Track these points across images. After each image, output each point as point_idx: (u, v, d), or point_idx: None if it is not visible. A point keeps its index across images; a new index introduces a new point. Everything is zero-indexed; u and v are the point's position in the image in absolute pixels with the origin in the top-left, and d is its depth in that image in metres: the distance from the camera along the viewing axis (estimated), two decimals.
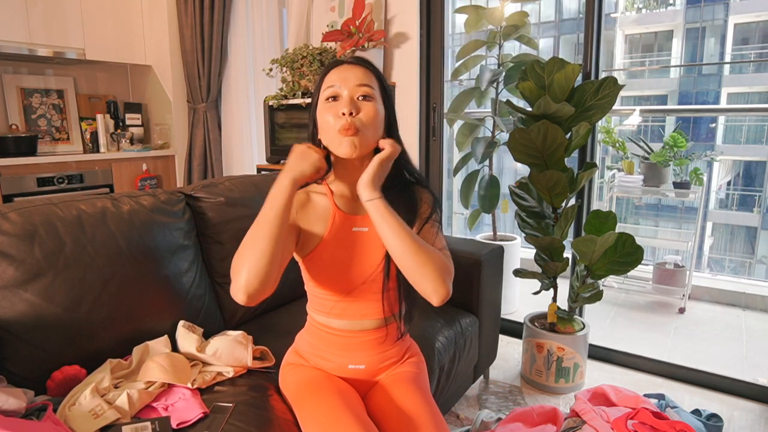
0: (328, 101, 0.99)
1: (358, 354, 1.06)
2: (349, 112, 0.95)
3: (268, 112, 2.57)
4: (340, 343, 1.06)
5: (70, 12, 2.91)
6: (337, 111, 0.96)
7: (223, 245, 1.52)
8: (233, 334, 1.28)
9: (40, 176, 2.75)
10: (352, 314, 1.05)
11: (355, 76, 0.98)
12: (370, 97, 0.98)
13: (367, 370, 1.07)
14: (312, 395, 1.00)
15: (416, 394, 1.03)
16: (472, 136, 2.72)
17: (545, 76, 1.84)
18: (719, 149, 10.73)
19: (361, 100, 0.98)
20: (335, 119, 0.96)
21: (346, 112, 0.95)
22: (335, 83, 0.98)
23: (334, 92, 0.98)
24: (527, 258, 2.91)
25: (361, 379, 1.08)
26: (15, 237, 1.11)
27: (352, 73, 0.98)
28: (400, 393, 1.03)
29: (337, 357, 1.07)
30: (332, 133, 0.97)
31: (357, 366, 1.07)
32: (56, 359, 1.11)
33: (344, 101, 0.97)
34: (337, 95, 0.98)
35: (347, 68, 1.00)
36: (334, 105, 0.98)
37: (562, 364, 1.98)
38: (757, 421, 1.80)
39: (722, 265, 9.37)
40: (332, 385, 1.02)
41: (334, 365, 1.07)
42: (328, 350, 1.07)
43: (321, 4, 2.64)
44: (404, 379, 1.07)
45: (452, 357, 1.56)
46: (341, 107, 0.96)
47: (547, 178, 1.81)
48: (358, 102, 0.97)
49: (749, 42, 11.57)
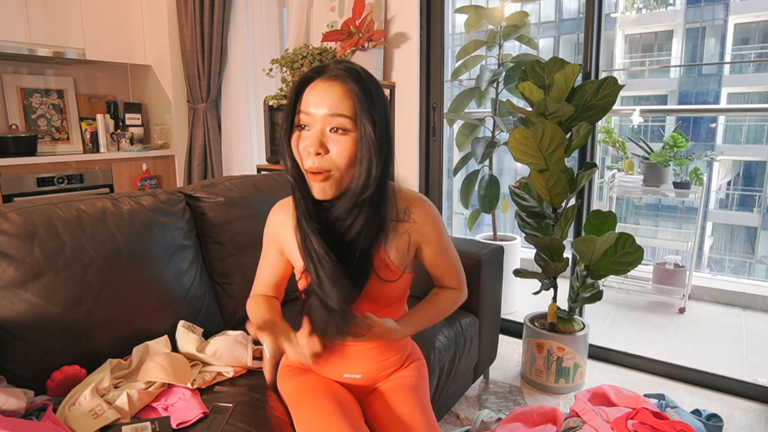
0: (298, 128, 0.88)
1: (354, 364, 1.05)
2: (316, 152, 0.85)
3: (268, 112, 2.57)
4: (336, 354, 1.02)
5: (70, 12, 2.91)
6: (305, 146, 0.86)
7: (223, 245, 1.52)
8: (233, 334, 1.28)
9: (40, 176, 2.75)
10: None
11: (330, 102, 0.84)
12: (345, 130, 0.85)
13: (364, 379, 1.06)
14: (307, 398, 0.99)
15: (414, 404, 1.01)
16: (472, 136, 2.72)
17: (545, 76, 1.84)
18: (719, 149, 10.73)
19: (333, 133, 0.85)
20: (304, 155, 0.87)
21: (312, 152, 0.85)
22: (306, 109, 0.86)
23: (303, 120, 0.87)
24: (527, 258, 2.91)
25: (359, 385, 1.08)
26: (15, 237, 1.11)
27: (327, 97, 0.84)
28: (398, 401, 1.02)
29: (333, 366, 1.05)
30: (302, 168, 0.89)
31: (353, 375, 1.05)
32: (56, 359, 1.11)
33: (313, 137, 0.85)
34: (306, 125, 0.87)
35: (324, 87, 0.85)
36: (303, 137, 0.87)
37: (562, 364, 1.98)
38: (757, 421, 1.80)
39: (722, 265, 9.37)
40: (328, 389, 1.01)
41: (329, 374, 1.06)
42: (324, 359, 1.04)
43: (321, 4, 2.64)
44: (403, 386, 1.06)
45: (452, 357, 1.56)
46: (309, 144, 0.85)
47: (547, 178, 1.81)
48: (331, 136, 0.85)
49: (749, 42, 11.56)
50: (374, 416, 1.04)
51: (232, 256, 1.53)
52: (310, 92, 0.86)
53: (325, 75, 0.87)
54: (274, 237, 1.05)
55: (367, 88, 0.87)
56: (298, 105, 0.88)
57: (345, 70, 0.87)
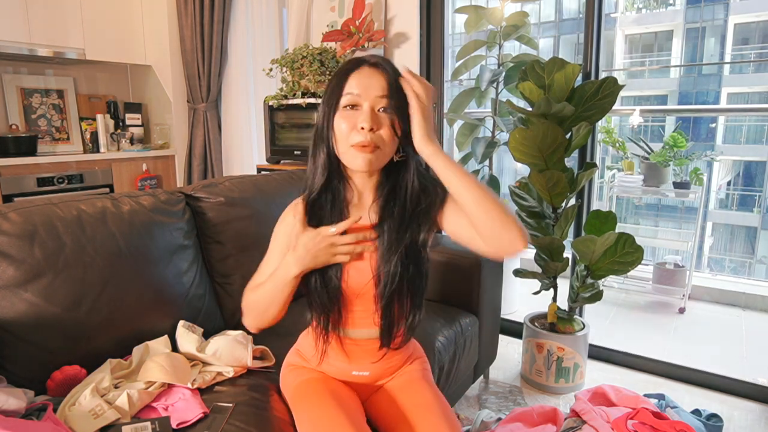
0: (345, 109, 0.93)
1: (362, 362, 1.04)
2: (369, 128, 0.90)
3: (268, 112, 2.57)
4: (346, 351, 1.04)
5: (70, 12, 2.91)
6: (354, 123, 0.92)
7: (223, 245, 1.52)
8: (233, 333, 1.28)
9: (40, 176, 2.75)
10: (355, 323, 1.02)
11: (378, 86, 0.92)
12: (390, 111, 0.93)
13: (371, 376, 1.06)
14: (309, 398, 0.99)
15: (427, 390, 1.03)
16: (472, 136, 2.72)
17: (545, 76, 1.84)
18: (719, 149, 10.73)
19: (381, 113, 0.92)
20: (352, 132, 0.92)
21: (366, 128, 0.90)
22: (355, 90, 0.92)
23: (354, 101, 0.92)
24: (527, 258, 2.91)
25: (365, 383, 1.08)
26: (15, 237, 1.11)
27: (375, 82, 0.92)
28: (410, 392, 1.03)
29: (341, 363, 1.05)
30: (346, 145, 0.93)
31: (361, 373, 1.05)
32: (56, 359, 1.11)
33: (364, 114, 0.91)
34: (357, 104, 0.92)
35: (369, 74, 0.93)
36: (352, 115, 0.92)
37: (562, 364, 1.98)
38: (757, 421, 1.80)
39: (722, 265, 9.37)
40: (331, 390, 1.00)
41: (337, 371, 1.06)
42: (333, 356, 1.05)
43: (321, 4, 2.64)
44: (412, 379, 1.06)
45: (452, 356, 1.56)
46: (360, 120, 0.91)
47: (547, 178, 1.81)
48: (379, 115, 0.92)
49: (749, 42, 11.57)
50: (382, 413, 1.04)
51: (232, 256, 1.53)
52: (359, 76, 0.93)
53: (367, 63, 0.94)
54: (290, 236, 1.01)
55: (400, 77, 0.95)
56: (344, 89, 0.93)
57: (385, 64, 0.95)
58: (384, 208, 0.99)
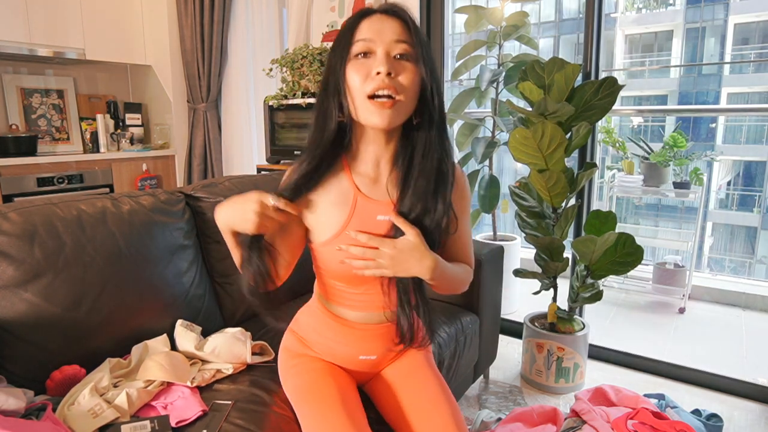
0: (357, 58, 0.83)
1: (371, 345, 1.02)
2: (387, 72, 0.80)
3: (268, 112, 2.57)
4: (355, 335, 1.01)
5: (70, 12, 2.91)
6: (369, 70, 0.82)
7: (223, 245, 1.51)
8: (231, 331, 1.29)
9: (40, 176, 2.76)
10: (368, 306, 0.98)
11: (392, 30, 0.83)
12: (409, 57, 0.83)
13: (377, 360, 1.05)
14: (312, 399, 0.97)
15: (431, 380, 1.02)
16: (472, 136, 2.72)
17: (545, 76, 1.84)
18: (719, 149, 10.72)
19: (399, 59, 0.83)
20: (367, 80, 0.82)
21: (383, 71, 0.80)
22: (367, 36, 0.82)
23: (366, 47, 0.83)
24: (527, 258, 2.91)
25: (367, 370, 1.07)
26: (15, 237, 1.11)
27: (388, 26, 0.83)
28: (415, 380, 1.02)
29: (349, 348, 1.02)
30: (361, 98, 0.83)
31: (368, 357, 1.03)
32: (56, 359, 1.11)
33: (379, 59, 0.82)
34: (370, 51, 0.83)
35: (382, 19, 0.84)
36: (365, 63, 0.83)
37: (562, 364, 1.98)
38: (757, 421, 1.80)
39: (722, 265, 9.37)
40: (334, 387, 0.98)
41: (343, 356, 1.03)
42: (341, 340, 1.01)
43: (321, 4, 2.64)
44: (417, 364, 1.05)
45: (453, 353, 1.56)
46: (376, 65, 0.81)
47: (547, 178, 1.81)
48: (396, 62, 0.83)
49: (749, 42, 11.56)
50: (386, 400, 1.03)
51: (231, 256, 1.53)
52: (371, 21, 0.84)
53: (379, 11, 0.86)
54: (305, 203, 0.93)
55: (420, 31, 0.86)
56: (354, 35, 0.84)
57: (401, 9, 0.86)
58: (404, 181, 0.89)
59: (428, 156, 0.89)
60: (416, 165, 0.89)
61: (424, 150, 0.89)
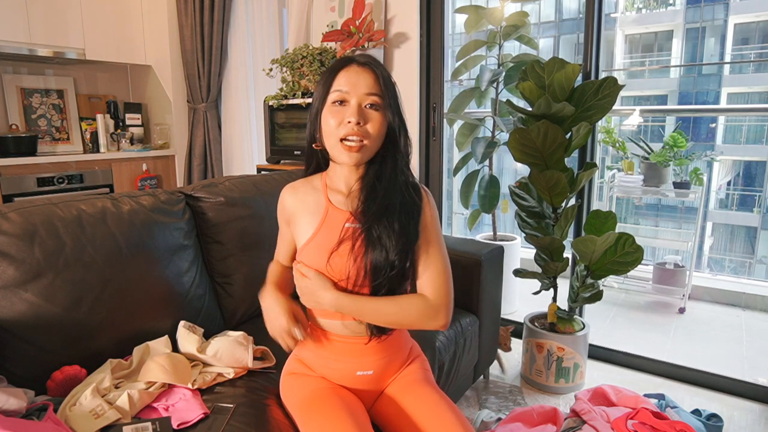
0: (334, 105, 0.98)
1: (365, 359, 1.04)
2: (356, 122, 0.95)
3: (268, 112, 2.57)
4: (346, 350, 1.04)
5: (70, 12, 2.91)
6: (342, 118, 0.96)
7: (223, 245, 1.52)
8: (234, 334, 1.28)
9: (40, 176, 2.75)
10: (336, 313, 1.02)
11: (365, 83, 0.97)
12: (378, 107, 0.97)
13: (375, 375, 1.06)
14: (318, 410, 0.98)
15: (432, 393, 1.03)
16: (472, 136, 2.72)
17: (545, 76, 1.84)
18: (719, 149, 10.72)
19: (368, 109, 0.97)
20: (340, 126, 0.96)
21: (353, 121, 0.95)
22: (343, 87, 0.97)
23: (342, 97, 0.97)
24: (527, 258, 2.91)
25: (368, 389, 1.07)
26: (15, 237, 1.11)
27: (362, 79, 0.97)
28: (415, 395, 1.03)
29: (345, 364, 1.04)
30: (334, 140, 0.97)
31: (365, 372, 1.05)
32: (56, 359, 1.11)
33: (352, 109, 0.96)
34: (345, 101, 0.97)
35: (357, 72, 0.98)
36: (340, 110, 0.97)
37: (562, 364, 1.98)
38: (757, 421, 1.80)
39: (722, 265, 9.36)
40: (338, 398, 0.99)
41: (341, 373, 1.05)
42: (336, 357, 1.04)
43: (321, 4, 2.64)
44: (414, 381, 1.06)
45: (452, 356, 1.56)
46: (348, 115, 0.95)
47: (547, 178, 1.81)
48: (366, 111, 0.97)
49: (749, 42, 11.56)
50: (389, 420, 1.04)
51: (232, 256, 1.53)
52: (347, 74, 0.98)
53: (357, 62, 0.99)
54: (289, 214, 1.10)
55: (389, 78, 1.01)
56: (332, 86, 0.98)
57: (373, 62, 1.01)
58: (368, 197, 1.01)
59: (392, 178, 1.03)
60: (380, 186, 1.01)
61: (389, 174, 1.03)
